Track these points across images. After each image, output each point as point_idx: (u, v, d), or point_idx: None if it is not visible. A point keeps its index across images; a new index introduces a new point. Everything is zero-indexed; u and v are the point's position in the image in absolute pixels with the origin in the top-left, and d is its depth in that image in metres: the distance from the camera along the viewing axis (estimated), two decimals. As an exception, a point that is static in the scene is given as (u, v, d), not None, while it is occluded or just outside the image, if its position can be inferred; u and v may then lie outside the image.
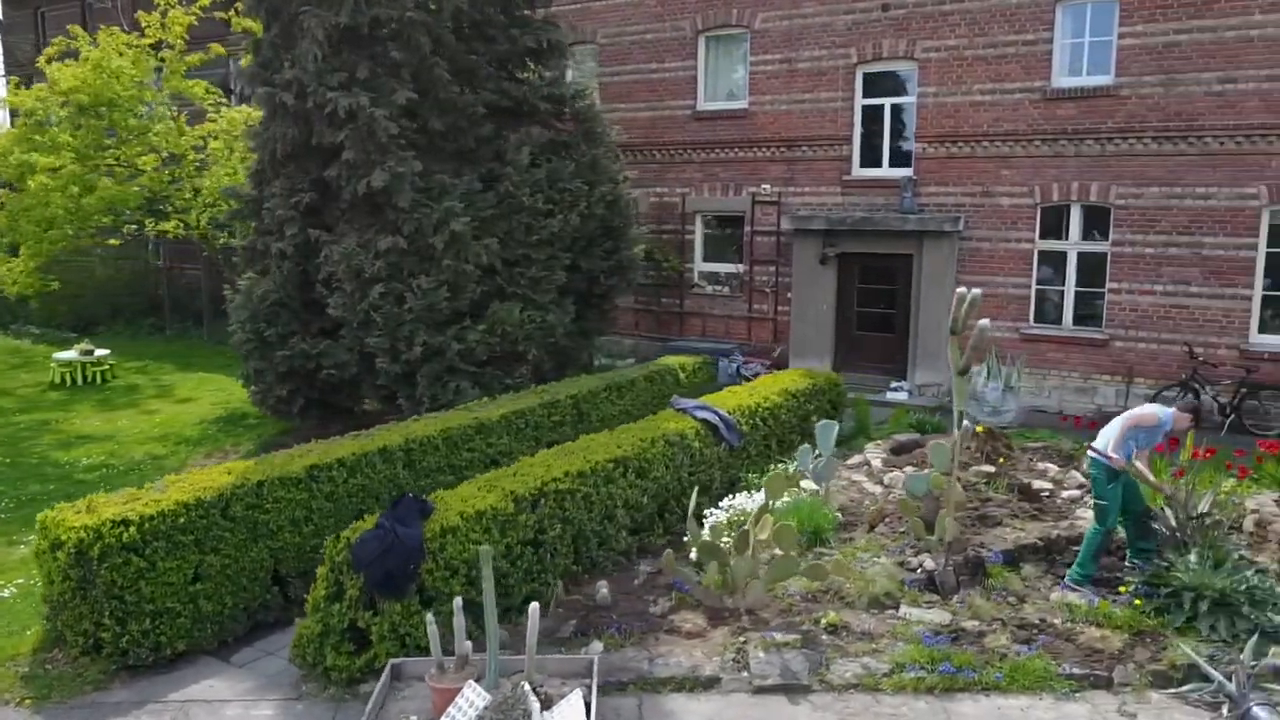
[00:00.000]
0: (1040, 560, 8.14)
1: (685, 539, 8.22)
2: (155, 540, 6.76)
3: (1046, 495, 9.33)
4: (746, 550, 7.33)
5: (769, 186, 16.83)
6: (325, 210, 11.72)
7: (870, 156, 16.09)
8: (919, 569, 7.81)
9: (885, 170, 15.89)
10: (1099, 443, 7.61)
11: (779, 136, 16.65)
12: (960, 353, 10.25)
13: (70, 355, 17.14)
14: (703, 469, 9.56)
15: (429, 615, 5.90)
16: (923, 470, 8.91)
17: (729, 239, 17.91)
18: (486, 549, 5.67)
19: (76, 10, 25.93)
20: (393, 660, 6.33)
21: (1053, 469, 10.03)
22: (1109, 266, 14.17)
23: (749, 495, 9.63)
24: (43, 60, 17.03)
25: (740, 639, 6.98)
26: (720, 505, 9.00)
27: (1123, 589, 7.41)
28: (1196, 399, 13.22)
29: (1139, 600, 7.22)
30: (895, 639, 6.96)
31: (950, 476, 7.86)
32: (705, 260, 18.18)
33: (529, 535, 7.46)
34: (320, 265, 11.30)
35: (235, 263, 12.74)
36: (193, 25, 16.76)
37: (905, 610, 7.34)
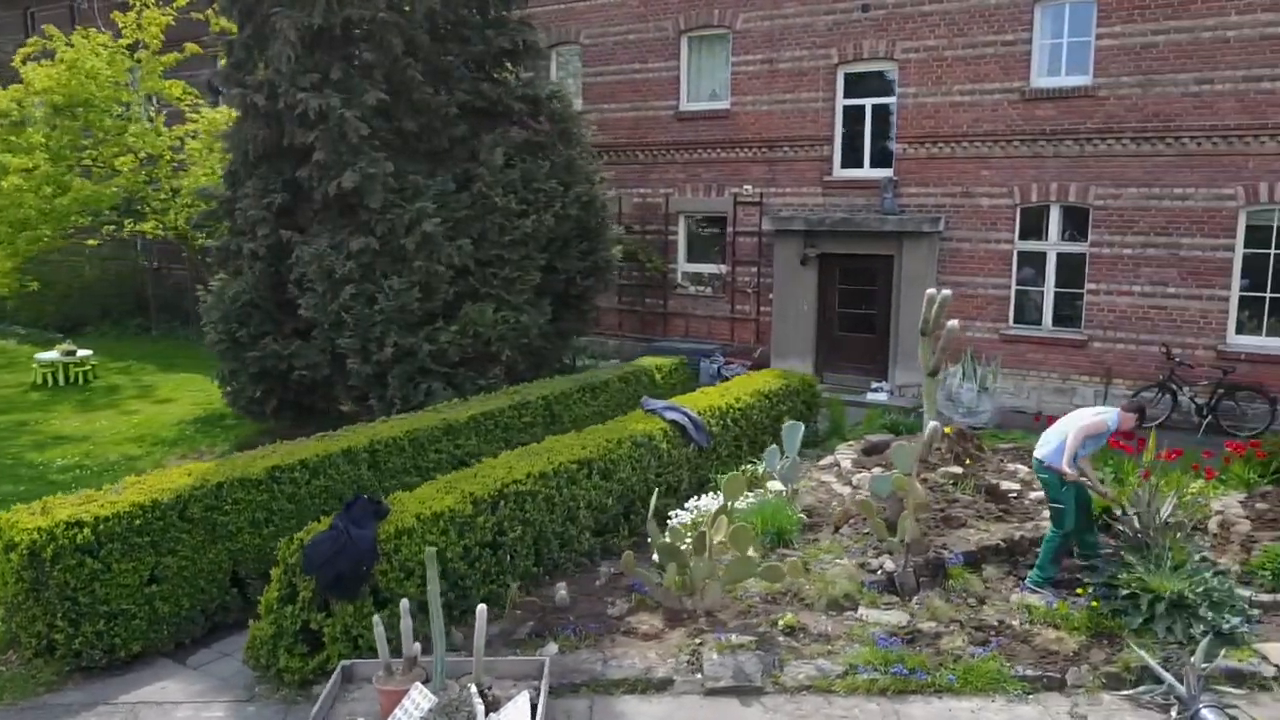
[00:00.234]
0: (1003, 562, 8.14)
1: (650, 540, 8.22)
2: (110, 542, 6.77)
3: (1014, 496, 9.32)
4: (705, 552, 7.33)
5: (751, 187, 16.82)
6: (298, 211, 11.71)
7: (851, 157, 16.07)
8: (879, 570, 7.80)
9: (866, 171, 15.87)
10: (1045, 447, 7.60)
11: (761, 137, 16.64)
12: (931, 353, 10.31)
13: (52, 356, 17.13)
14: (671, 470, 9.56)
15: (376, 617, 5.89)
16: (889, 471, 8.90)
17: (712, 240, 17.89)
18: (432, 551, 5.67)
19: (65, 11, 25.93)
20: (344, 662, 6.32)
21: (1022, 470, 10.01)
22: (1087, 267, 14.16)
23: (717, 496, 9.65)
24: (18, 60, 17.01)
25: (696, 640, 6.98)
26: (686, 506, 9.01)
27: (1080, 591, 7.41)
28: (1174, 400, 13.32)
29: (1096, 603, 7.21)
30: (851, 641, 6.96)
31: (911, 477, 7.85)
32: (689, 261, 18.17)
33: (488, 537, 7.46)
34: (292, 266, 11.29)
35: (209, 263, 12.72)
36: (170, 26, 16.76)
37: (864, 612, 7.34)
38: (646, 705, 6.35)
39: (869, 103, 15.75)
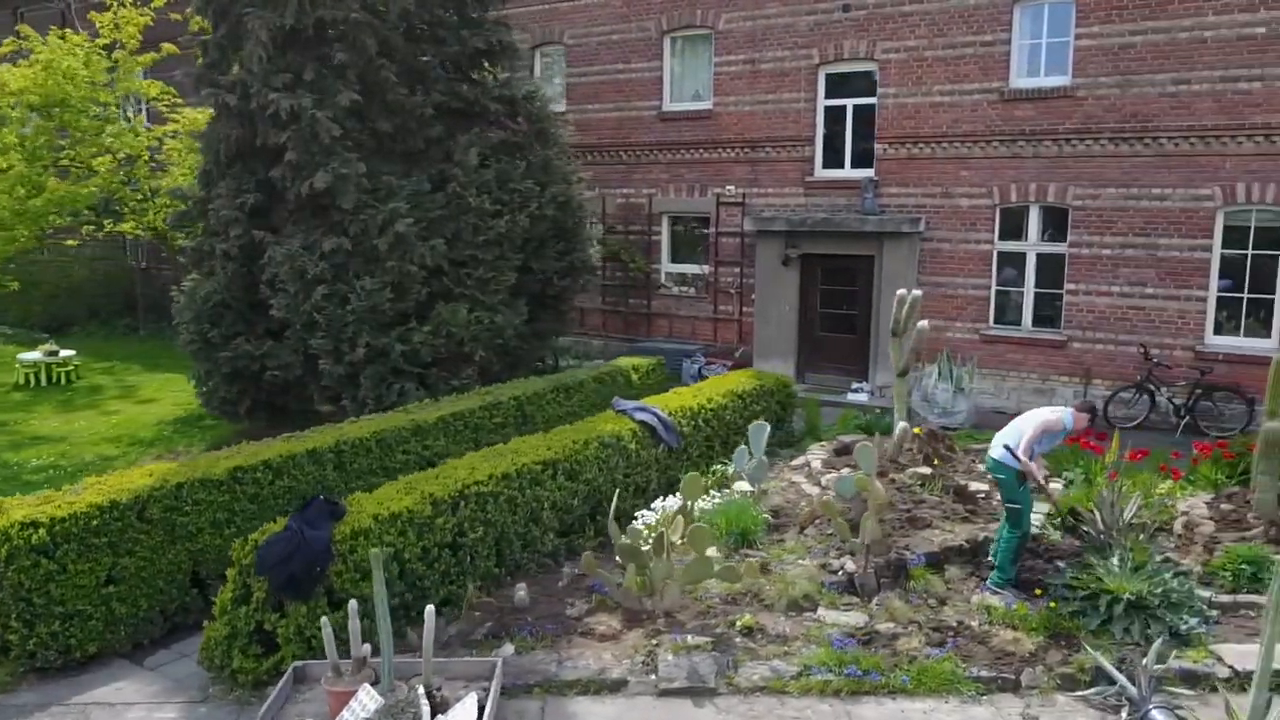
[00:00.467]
0: (966, 563, 8.13)
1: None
2: (66, 543, 6.76)
3: (982, 497, 9.31)
4: (664, 553, 7.33)
5: (733, 187, 16.82)
6: (272, 211, 11.71)
7: (833, 157, 16.07)
8: (840, 571, 7.80)
9: (848, 171, 15.87)
10: (999, 445, 7.60)
11: (743, 137, 16.64)
12: (901, 354, 10.31)
13: (35, 356, 17.12)
14: (639, 471, 9.56)
15: (324, 618, 5.89)
16: (854, 472, 8.89)
17: (695, 240, 17.90)
18: (376, 553, 5.67)
19: (56, 12, 25.91)
20: (296, 663, 6.32)
21: (991, 471, 9.99)
22: (1066, 268, 14.16)
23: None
24: None
25: (653, 641, 6.97)
26: (652, 507, 9.00)
27: (1039, 592, 7.40)
28: (1152, 400, 13.32)
29: (1054, 604, 7.21)
30: (809, 642, 6.96)
31: (872, 478, 7.85)
32: (672, 261, 18.17)
33: (447, 538, 7.45)
34: (265, 266, 11.29)
35: (184, 263, 12.72)
36: (149, 26, 16.74)
37: (823, 613, 7.33)
38: (599, 706, 6.35)
39: (850, 103, 15.75)
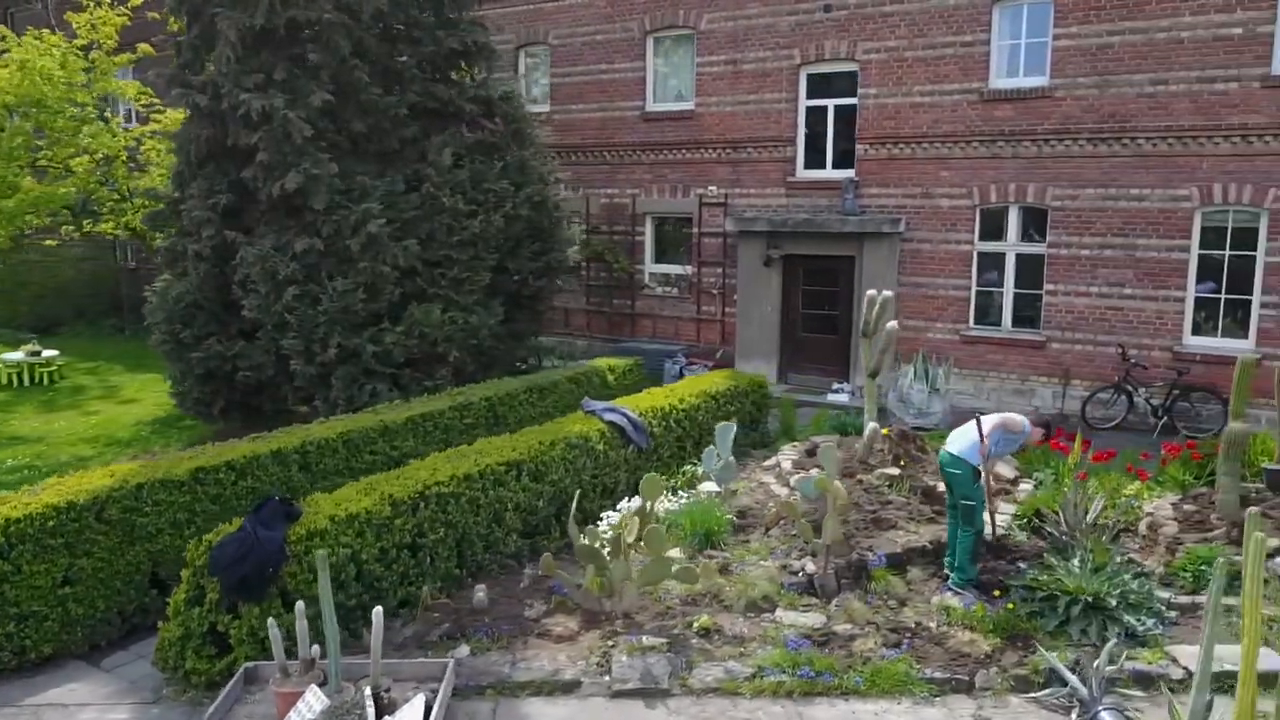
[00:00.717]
0: (929, 563, 8.12)
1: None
2: (21, 544, 6.75)
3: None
4: (621, 553, 7.32)
5: (715, 188, 16.81)
6: (245, 212, 11.71)
7: (814, 158, 16.07)
8: (800, 572, 7.79)
9: (829, 172, 15.86)
10: (955, 444, 7.60)
11: (725, 138, 16.63)
12: (872, 355, 10.31)
13: (17, 356, 17.14)
14: (607, 472, 9.54)
15: (270, 620, 5.88)
16: (818, 472, 8.88)
17: (679, 240, 17.89)
18: (322, 554, 5.66)
19: (45, 11, 25.92)
20: (247, 664, 6.32)
21: (960, 471, 9.98)
22: (1046, 268, 14.15)
23: (665, 497, 9.66)
24: None
25: (609, 643, 6.97)
26: (618, 508, 8.99)
27: (997, 593, 7.40)
28: (1130, 401, 13.31)
29: (1012, 605, 7.20)
30: (765, 643, 6.94)
31: (833, 479, 7.83)
32: (656, 262, 18.17)
33: (407, 539, 7.45)
34: (237, 267, 11.29)
35: (158, 264, 12.73)
36: (126, 26, 16.73)
37: (781, 614, 7.32)
38: (551, 708, 6.34)
39: (831, 104, 15.75)
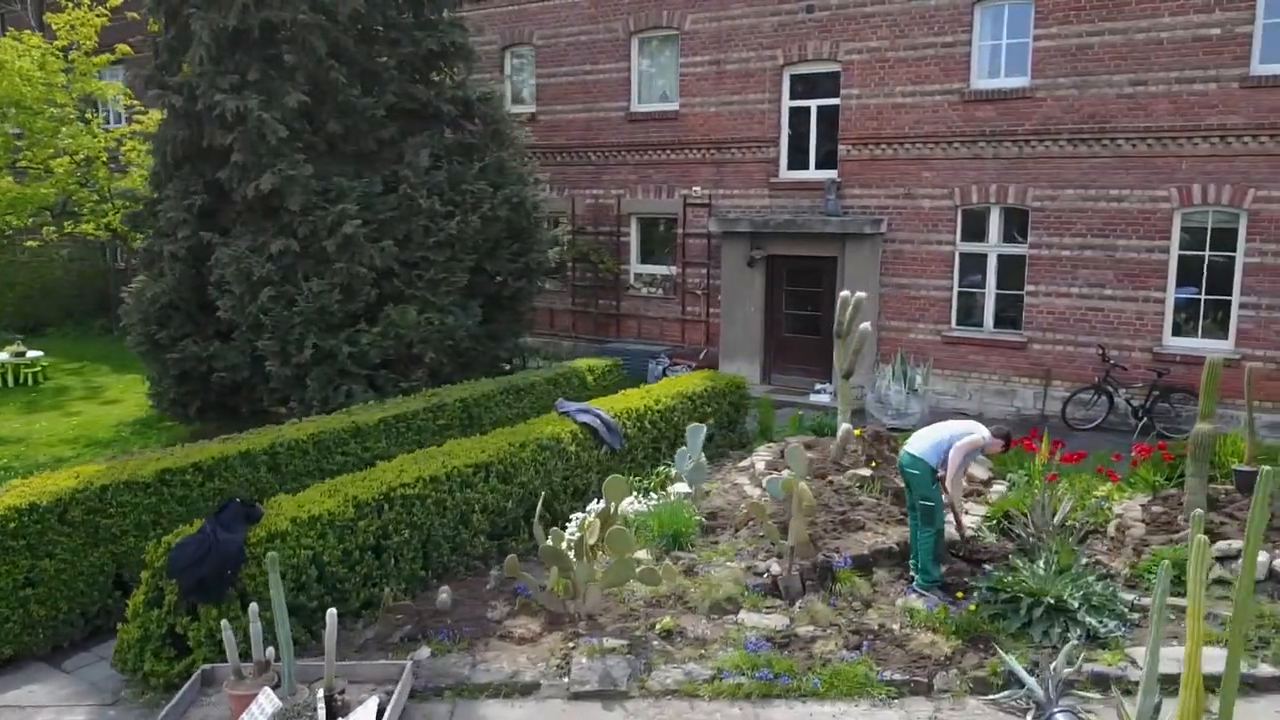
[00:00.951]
0: (895, 565, 8.11)
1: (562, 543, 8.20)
2: (-18, 545, 6.76)
3: (921, 499, 9.28)
4: (584, 555, 7.32)
5: (699, 189, 16.81)
6: (221, 213, 11.71)
7: (798, 159, 16.07)
8: (765, 573, 7.79)
9: (812, 173, 15.86)
10: (917, 444, 7.62)
11: (709, 138, 16.63)
12: (845, 356, 10.31)
13: (2, 357, 17.13)
14: (578, 473, 9.54)
15: (224, 622, 5.88)
16: (785, 473, 8.88)
17: (664, 241, 17.89)
18: (273, 556, 5.66)
19: (35, 14, 25.92)
20: (204, 666, 6.32)
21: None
22: (1027, 269, 14.15)
23: (632, 498, 9.66)
24: None
25: (570, 644, 6.97)
26: (588, 509, 8.98)
27: (960, 594, 7.40)
28: (1110, 402, 13.31)
29: (975, 606, 7.20)
30: (727, 645, 6.94)
31: (797, 479, 7.84)
32: (641, 262, 18.17)
33: (371, 540, 7.44)
34: (212, 268, 11.28)
35: (135, 265, 12.73)
36: (106, 27, 16.71)
37: (744, 615, 7.32)
38: (509, 710, 6.33)
39: (814, 104, 15.75)
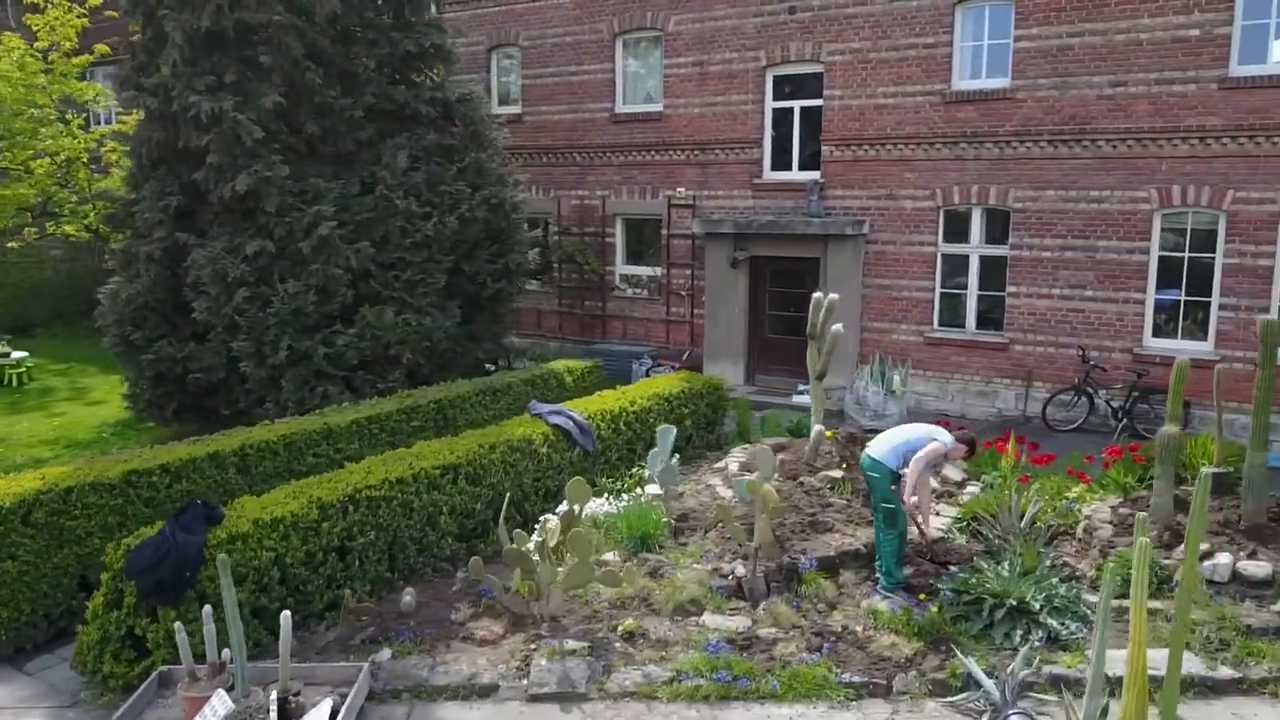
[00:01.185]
0: (862, 566, 8.11)
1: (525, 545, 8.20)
2: (-57, 547, 6.76)
3: (892, 501, 9.28)
4: (547, 557, 7.32)
5: (684, 190, 16.81)
6: (198, 214, 11.72)
7: (781, 160, 16.07)
8: (730, 575, 7.78)
9: (795, 174, 15.86)
10: (880, 447, 7.62)
11: (693, 139, 16.63)
12: (818, 357, 10.31)
13: (-13, 357, 17.14)
14: (550, 474, 9.54)
15: (177, 623, 5.88)
16: (752, 475, 8.88)
17: (649, 242, 17.89)
18: (223, 558, 5.67)
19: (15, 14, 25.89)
20: (161, 668, 6.33)
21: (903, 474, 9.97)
22: (1008, 270, 14.14)
23: (604, 500, 9.67)
24: None
25: (531, 646, 6.97)
26: (556, 511, 8.97)
27: (923, 596, 7.40)
28: (1091, 403, 13.31)
29: (937, 608, 7.20)
30: (688, 647, 6.94)
31: (763, 481, 7.83)
32: (626, 263, 18.16)
33: (335, 542, 7.44)
34: (189, 269, 11.29)
35: (112, 266, 12.74)
36: (86, 28, 16.71)
37: (707, 617, 7.32)
38: (466, 712, 6.34)
39: (797, 105, 15.74)
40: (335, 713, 5.85)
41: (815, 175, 15.46)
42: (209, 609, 5.89)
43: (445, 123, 12.67)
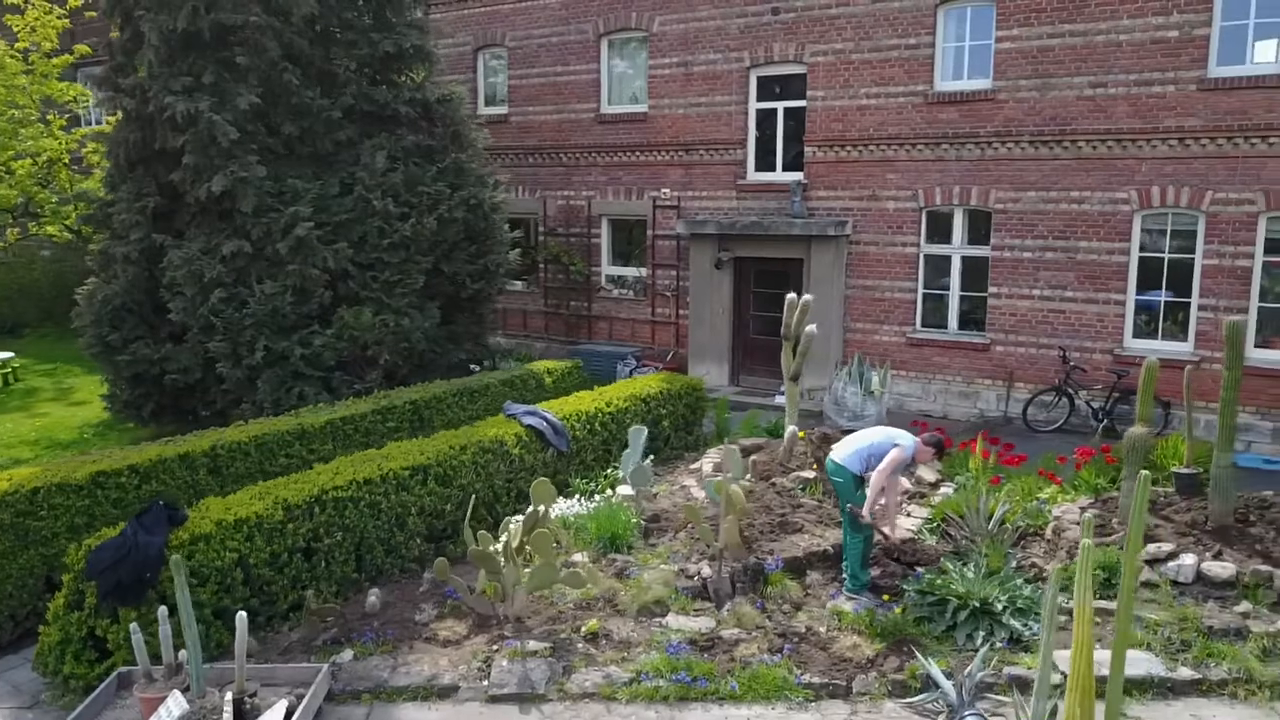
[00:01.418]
0: (829, 567, 8.12)
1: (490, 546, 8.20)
2: (-94, 548, 6.77)
3: (864, 501, 9.29)
4: (511, 558, 7.33)
5: (668, 190, 16.82)
6: (176, 215, 11.73)
7: (765, 161, 16.07)
8: (696, 576, 7.79)
9: (779, 174, 15.86)
10: (843, 451, 7.63)
11: (677, 140, 16.63)
12: (792, 358, 10.33)
13: (-30, 359, 17.16)
14: (522, 475, 9.53)
15: (133, 624, 5.89)
16: (721, 475, 8.89)
17: (635, 242, 17.90)
18: (178, 559, 5.68)
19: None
20: (120, 669, 6.33)
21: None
22: (990, 271, 14.15)
23: (577, 500, 9.68)
24: None
25: (494, 647, 6.97)
26: (528, 512, 8.97)
27: (886, 597, 7.41)
28: (1071, 404, 13.30)
29: (900, 610, 7.21)
30: (650, 648, 6.95)
31: (730, 482, 7.84)
32: (612, 264, 18.17)
33: (300, 543, 7.45)
34: (165, 270, 11.30)
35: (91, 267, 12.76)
36: (68, 28, 16.71)
37: (671, 618, 7.33)
38: (425, 713, 6.35)
39: (780, 106, 15.75)
40: (291, 713, 5.85)
41: (799, 176, 15.46)
42: (164, 609, 5.90)
43: (425, 123, 12.66)
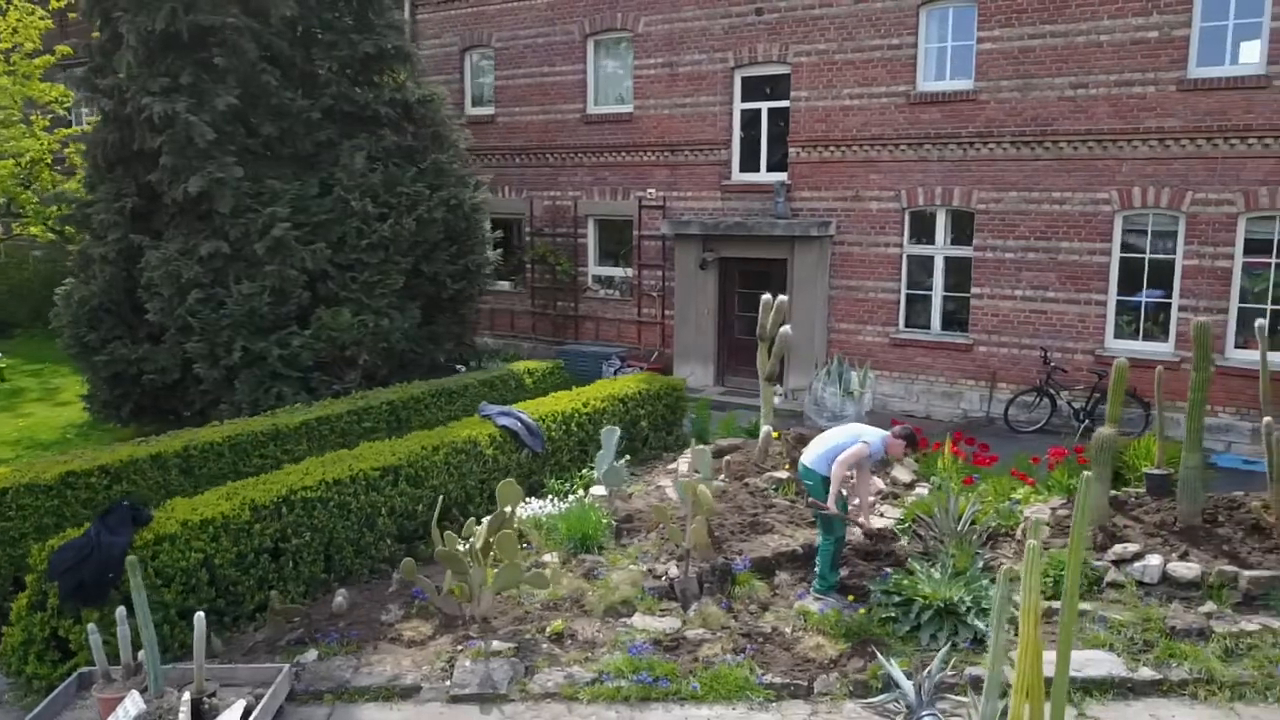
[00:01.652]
0: (798, 568, 8.12)
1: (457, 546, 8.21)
2: None
3: (837, 502, 9.29)
4: (477, 559, 7.34)
5: (654, 191, 16.83)
6: (155, 216, 11.75)
7: (750, 161, 16.09)
8: (664, 576, 7.80)
9: (763, 175, 15.87)
10: (811, 454, 7.64)
11: (662, 141, 16.64)
12: (769, 358, 10.33)
13: (-43, 359, 17.19)
14: (496, 476, 9.50)
15: (91, 625, 5.90)
16: (714, 477, 8.91)
17: (621, 243, 17.91)
18: (133, 559, 5.69)
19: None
20: (81, 669, 6.34)
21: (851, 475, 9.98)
22: (972, 271, 14.16)
23: (552, 501, 9.68)
24: None
25: (458, 647, 6.98)
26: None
27: (851, 597, 7.42)
28: (1053, 404, 13.31)
29: (865, 610, 7.21)
30: (614, 648, 6.95)
31: (697, 482, 7.85)
32: (599, 264, 18.18)
33: (268, 544, 7.45)
34: (143, 270, 11.32)
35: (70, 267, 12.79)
36: (51, 29, 16.72)
37: (637, 619, 7.33)
38: (386, 713, 6.35)
39: (765, 106, 15.76)
40: (249, 713, 5.86)
41: (783, 177, 15.47)
42: (122, 610, 5.91)
43: (406, 124, 12.68)
